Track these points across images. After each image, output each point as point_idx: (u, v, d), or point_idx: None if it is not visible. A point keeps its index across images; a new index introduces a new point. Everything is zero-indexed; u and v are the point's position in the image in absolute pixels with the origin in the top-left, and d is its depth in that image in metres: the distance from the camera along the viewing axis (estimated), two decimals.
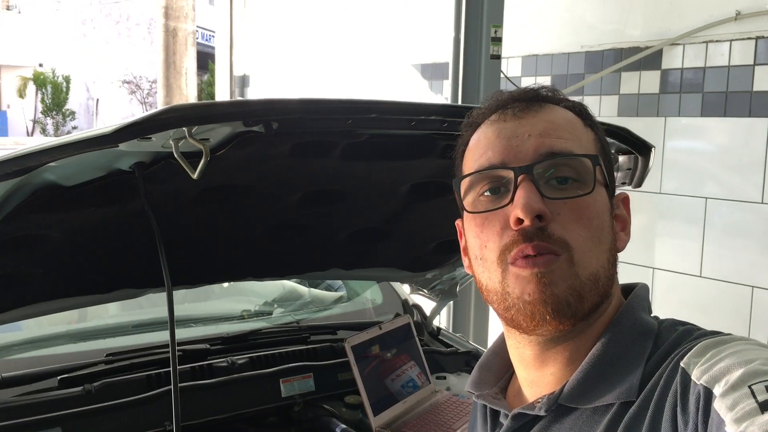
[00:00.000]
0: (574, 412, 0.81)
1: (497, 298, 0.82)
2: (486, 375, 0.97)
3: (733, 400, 0.65)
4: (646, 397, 0.75)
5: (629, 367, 0.79)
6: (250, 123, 1.04)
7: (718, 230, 2.91)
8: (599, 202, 0.83)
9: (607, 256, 0.82)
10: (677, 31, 2.96)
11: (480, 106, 0.91)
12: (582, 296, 0.79)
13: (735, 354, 0.70)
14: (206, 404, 1.67)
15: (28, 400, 1.55)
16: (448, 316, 3.19)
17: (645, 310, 0.86)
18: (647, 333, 0.82)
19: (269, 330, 2.05)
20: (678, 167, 3.03)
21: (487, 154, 0.84)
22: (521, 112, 0.85)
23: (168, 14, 7.62)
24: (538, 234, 0.78)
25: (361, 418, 1.77)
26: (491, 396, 0.93)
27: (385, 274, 2.06)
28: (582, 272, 0.79)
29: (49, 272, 1.42)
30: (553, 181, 0.81)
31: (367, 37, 4.49)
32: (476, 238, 0.84)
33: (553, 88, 0.90)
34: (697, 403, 0.68)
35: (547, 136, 0.83)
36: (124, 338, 2.05)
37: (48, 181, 1.13)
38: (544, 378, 0.86)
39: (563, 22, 3.42)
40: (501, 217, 0.81)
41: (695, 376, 0.70)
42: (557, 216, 0.79)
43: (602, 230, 0.82)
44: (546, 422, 0.83)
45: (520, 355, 0.88)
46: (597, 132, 0.89)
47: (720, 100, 2.86)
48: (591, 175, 0.82)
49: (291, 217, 1.59)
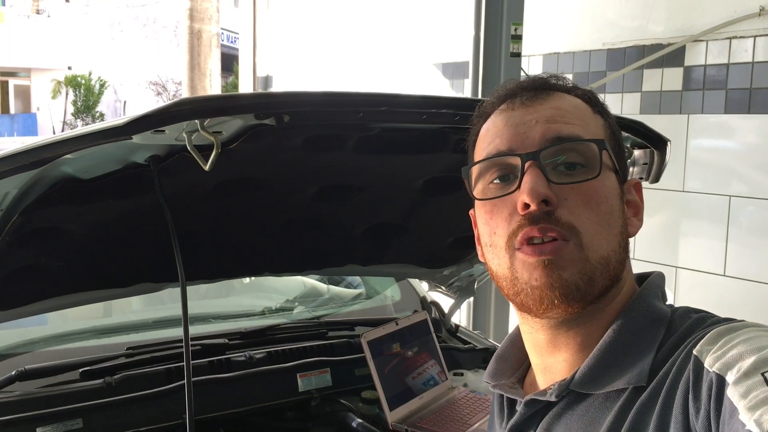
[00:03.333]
0: (587, 398, 0.82)
1: (507, 283, 0.84)
2: (503, 365, 0.97)
3: (746, 388, 0.65)
4: (658, 384, 0.75)
5: (641, 353, 0.79)
6: (261, 116, 1.05)
7: (742, 229, 2.88)
8: (607, 186, 0.83)
9: (618, 240, 0.83)
10: (700, 27, 2.93)
11: (490, 98, 0.92)
12: (592, 279, 0.80)
13: (747, 341, 0.70)
14: (224, 398, 1.69)
15: (50, 392, 1.58)
16: (468, 314, 3.19)
17: (658, 298, 0.86)
18: (660, 320, 0.82)
19: (287, 325, 2.06)
20: (701, 165, 3.00)
21: (495, 142, 0.86)
22: (529, 101, 0.86)
23: (193, 16, 7.69)
24: (545, 218, 0.79)
25: (377, 413, 1.77)
26: (508, 386, 0.94)
27: (402, 270, 2.07)
28: (592, 255, 0.80)
29: (68, 265, 1.45)
30: (561, 167, 0.82)
31: (388, 37, 4.51)
32: (486, 225, 0.86)
33: (562, 76, 0.91)
34: (710, 391, 0.68)
35: (555, 122, 0.84)
36: (144, 334, 2.08)
37: (66, 174, 1.15)
38: (556, 364, 0.87)
39: (584, 20, 3.41)
40: (509, 204, 0.82)
41: (708, 363, 0.70)
42: (564, 201, 0.80)
43: (611, 214, 0.82)
44: (559, 408, 0.84)
45: (533, 340, 0.89)
46: (606, 118, 0.89)
47: (744, 96, 2.83)
48: (598, 159, 0.82)
49: (306, 212, 1.60)
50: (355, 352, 1.89)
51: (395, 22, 4.46)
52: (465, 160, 0.95)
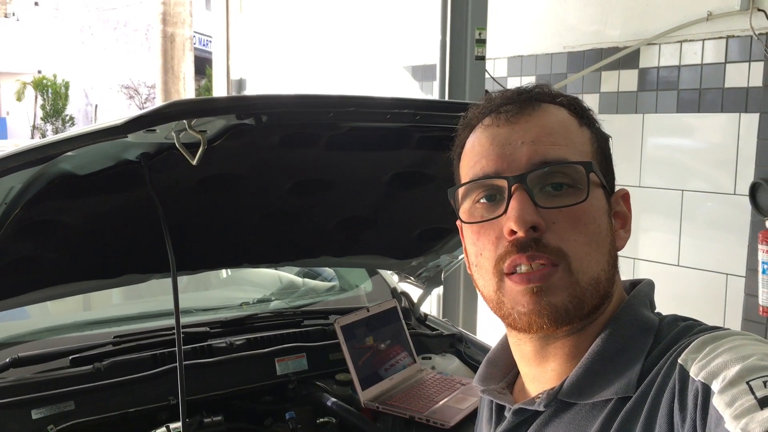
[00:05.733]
0: (573, 407, 0.82)
1: (494, 305, 0.84)
2: (493, 370, 0.97)
3: (732, 397, 0.64)
4: (643, 393, 0.76)
5: (629, 362, 0.79)
6: (242, 116, 1.17)
7: (694, 222, 3.04)
8: (595, 206, 0.82)
9: (606, 258, 0.82)
10: (653, 31, 3.09)
11: (470, 103, 0.94)
12: (582, 301, 0.80)
13: (732, 350, 0.70)
14: (206, 381, 1.78)
15: (43, 377, 1.67)
16: (438, 304, 3.32)
17: (646, 306, 0.86)
18: (648, 329, 0.82)
19: (265, 315, 2.17)
20: (656, 162, 3.16)
21: (481, 163, 0.84)
22: (514, 117, 0.85)
23: (165, 20, 7.77)
24: (533, 245, 0.79)
25: (351, 393, 1.89)
26: (497, 391, 0.94)
27: (373, 261, 2.19)
28: (582, 278, 0.80)
29: (62, 256, 1.55)
30: (548, 188, 0.81)
31: (360, 41, 4.63)
32: (473, 246, 0.85)
33: (546, 85, 0.89)
34: (696, 399, 0.68)
35: (540, 144, 0.82)
36: (128, 326, 2.17)
37: (63, 170, 1.27)
38: (545, 374, 0.87)
39: (546, 24, 3.55)
40: (496, 227, 0.82)
41: (693, 372, 0.70)
42: (552, 225, 0.79)
43: (599, 234, 0.82)
44: (545, 417, 0.84)
45: (521, 351, 0.89)
46: (592, 129, 0.88)
47: (694, 96, 2.99)
48: (586, 181, 0.81)
49: (283, 206, 1.71)
50: (330, 339, 2.00)
51: (366, 26, 4.58)
52: (428, 157, 1.04)
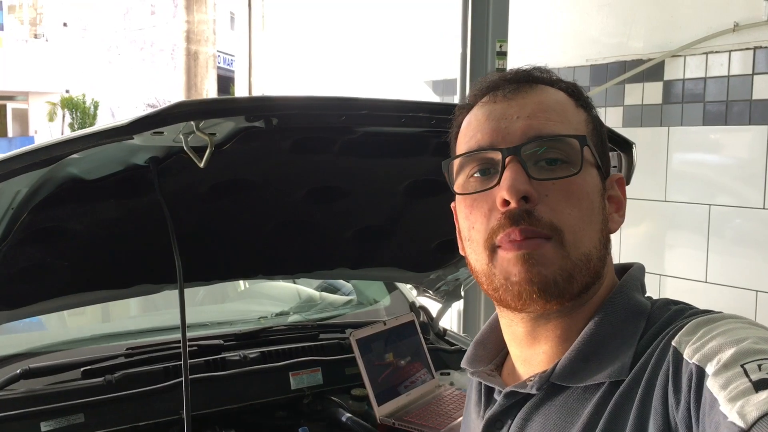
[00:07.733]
0: (566, 391, 0.81)
1: (485, 279, 0.83)
2: (481, 352, 0.96)
3: (726, 379, 0.64)
4: (637, 376, 0.75)
5: (621, 346, 0.79)
6: (251, 118, 1.14)
7: (722, 237, 2.97)
8: (589, 182, 0.82)
9: (598, 236, 0.82)
10: (678, 43, 3.04)
11: (473, 90, 0.92)
12: (572, 276, 0.79)
13: (726, 333, 0.70)
14: (219, 395, 1.75)
15: (53, 389, 1.65)
16: (459, 319, 3.26)
17: (638, 290, 0.86)
18: (640, 312, 0.82)
19: (280, 328, 2.13)
20: (682, 176, 3.09)
21: (477, 137, 0.84)
22: (511, 94, 0.85)
23: (189, 38, 7.85)
24: (525, 217, 0.78)
25: (366, 409, 1.84)
26: (486, 373, 0.93)
27: (391, 273, 2.14)
28: (573, 253, 0.79)
29: (72, 265, 1.53)
30: (542, 162, 0.81)
31: (381, 56, 4.63)
32: (465, 219, 0.85)
33: (546, 68, 0.89)
34: (690, 382, 0.68)
35: (536, 118, 0.82)
36: (143, 339, 2.15)
37: (71, 175, 1.24)
38: (536, 356, 0.86)
39: (568, 37, 3.52)
40: (489, 199, 0.82)
41: (687, 354, 0.70)
42: (545, 198, 0.79)
43: (592, 211, 0.82)
44: (537, 400, 0.83)
45: (512, 332, 0.88)
46: (589, 112, 0.88)
47: (721, 109, 2.93)
48: (579, 155, 0.81)
49: (297, 214, 1.68)
50: (346, 353, 1.96)
51: (387, 41, 4.58)
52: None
